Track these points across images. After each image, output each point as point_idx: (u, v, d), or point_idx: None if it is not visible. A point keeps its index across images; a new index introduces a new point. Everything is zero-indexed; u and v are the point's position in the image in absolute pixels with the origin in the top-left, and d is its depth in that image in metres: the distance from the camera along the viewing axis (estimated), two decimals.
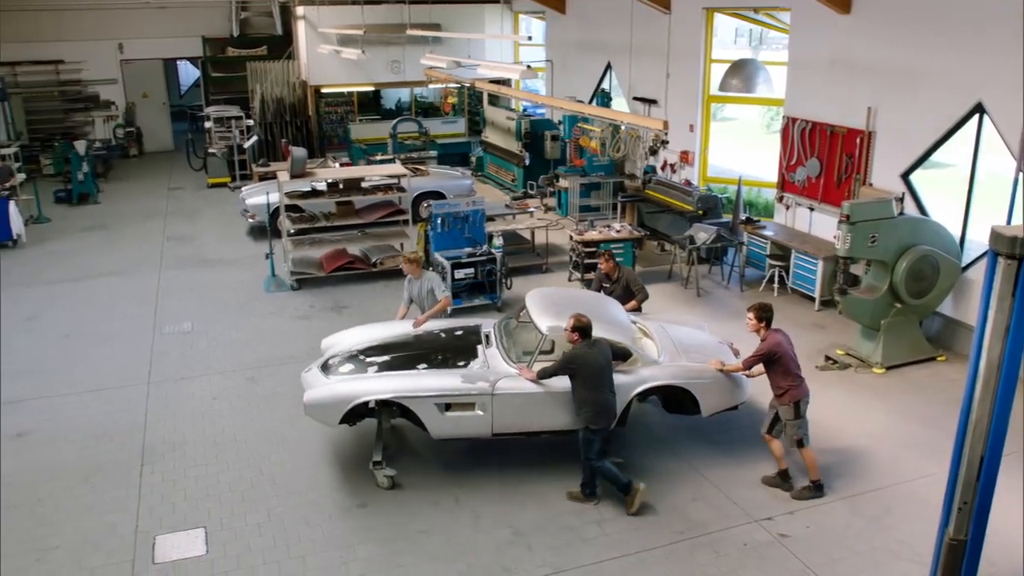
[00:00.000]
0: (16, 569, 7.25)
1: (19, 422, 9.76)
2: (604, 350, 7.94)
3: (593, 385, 7.79)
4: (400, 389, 8.24)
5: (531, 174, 19.02)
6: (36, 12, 24.45)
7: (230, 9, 26.41)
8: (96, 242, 17.19)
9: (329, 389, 8.36)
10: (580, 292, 10.65)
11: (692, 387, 8.45)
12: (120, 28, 25.61)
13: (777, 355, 7.97)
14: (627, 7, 16.53)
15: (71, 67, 25.54)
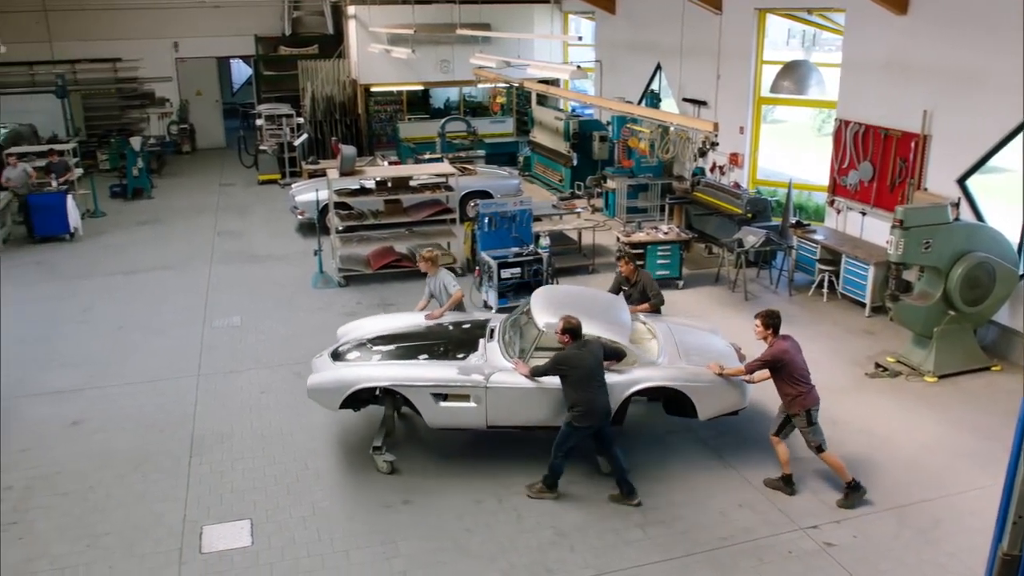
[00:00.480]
0: (68, 554, 7.42)
1: (74, 410, 9.99)
2: (594, 350, 7.97)
3: (583, 386, 7.82)
4: (397, 377, 8.44)
5: (578, 174, 18.98)
6: (95, 11, 25.03)
7: (283, 8, 26.74)
8: (149, 236, 17.51)
9: (331, 374, 8.65)
10: (587, 291, 10.60)
11: (688, 390, 8.40)
12: (176, 27, 26.10)
13: (782, 362, 7.89)
14: (678, 7, 16.44)
15: (128, 65, 26.08)
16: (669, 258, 13.63)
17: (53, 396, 10.40)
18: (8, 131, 21.74)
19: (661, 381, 8.40)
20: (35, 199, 16.95)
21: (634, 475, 8.37)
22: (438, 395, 8.40)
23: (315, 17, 27.39)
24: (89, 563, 7.28)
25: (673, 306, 12.86)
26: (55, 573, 7.17)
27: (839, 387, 10.34)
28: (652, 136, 16.27)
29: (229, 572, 7.16)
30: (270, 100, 24.81)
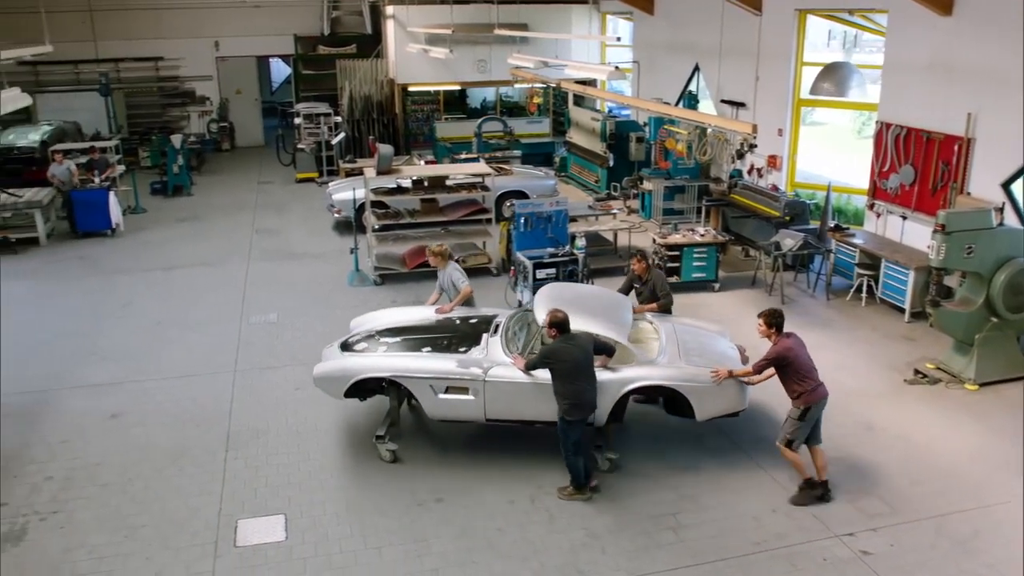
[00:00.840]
0: (106, 544, 7.54)
1: (113, 404, 10.15)
2: (583, 344, 8.00)
3: (569, 379, 7.87)
4: (398, 368, 8.62)
5: (615, 175, 18.91)
6: (138, 11, 25.44)
7: (322, 8, 26.95)
8: (188, 233, 17.74)
9: (336, 364, 8.89)
10: (593, 289, 10.63)
11: (684, 389, 8.40)
12: (216, 26, 26.42)
13: (787, 360, 7.88)
14: (717, 8, 16.33)
15: (170, 64, 26.48)
16: (705, 260, 13.53)
17: (93, 389, 10.57)
18: (53, 128, 22.11)
19: (657, 380, 8.43)
20: (78, 195, 17.25)
21: (667, 477, 8.38)
22: (438, 387, 8.53)
23: (354, 17, 27.58)
24: (127, 554, 7.39)
25: (708, 309, 12.82)
26: (93, 563, 7.29)
27: (876, 392, 10.22)
28: (690, 138, 16.16)
29: (263, 566, 7.23)
30: (308, 99, 25.03)
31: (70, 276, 14.98)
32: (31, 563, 7.31)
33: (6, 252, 16.29)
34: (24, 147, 21.00)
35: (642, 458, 8.79)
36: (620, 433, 9.13)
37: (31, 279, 14.83)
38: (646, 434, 9.21)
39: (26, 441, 9.30)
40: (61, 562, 7.31)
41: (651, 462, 8.72)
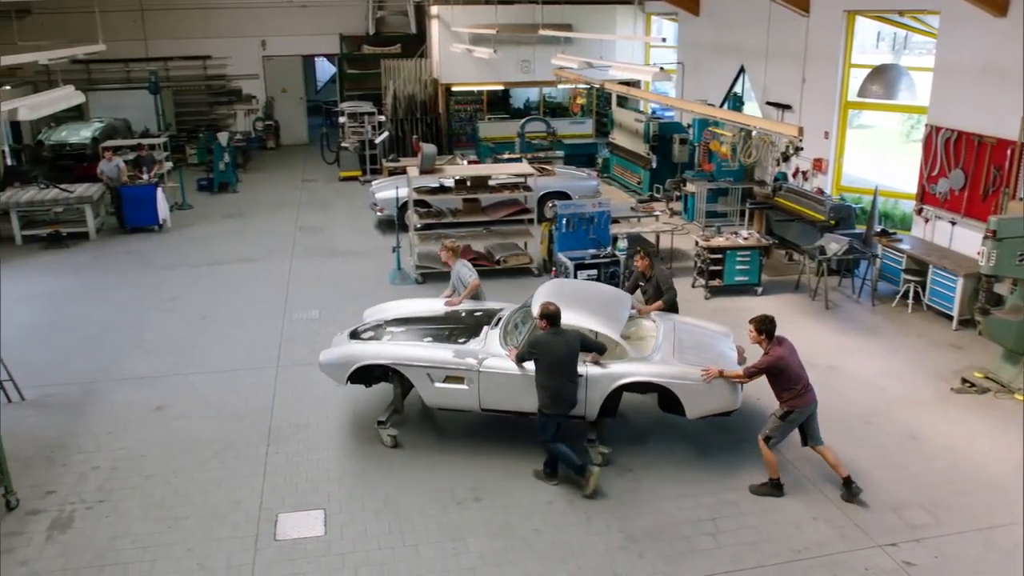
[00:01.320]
0: (149, 534, 7.66)
1: (158, 396, 10.32)
2: (569, 340, 8.10)
3: (551, 372, 8.01)
4: (397, 356, 8.92)
5: (658, 177, 18.81)
6: (188, 11, 25.84)
7: (367, 8, 27.14)
8: (233, 229, 17.97)
9: (340, 351, 9.21)
10: (594, 285, 10.68)
11: (674, 387, 8.45)
12: (263, 26, 26.76)
13: (779, 368, 7.95)
14: (764, 9, 16.16)
15: (217, 62, 26.87)
16: (748, 264, 13.40)
17: (139, 381, 10.75)
18: (104, 125, 22.55)
19: (646, 376, 8.49)
20: (128, 191, 17.56)
21: (707, 482, 8.32)
22: (435, 375, 8.78)
23: (398, 17, 27.74)
24: (170, 544, 7.50)
25: (750, 313, 12.55)
26: (137, 552, 7.41)
27: (921, 401, 10.04)
28: (734, 140, 16.02)
29: (302, 560, 7.30)
30: (353, 98, 25.20)
31: (118, 270, 15.25)
32: (77, 550, 7.45)
33: (57, 246, 16.65)
34: (76, 143, 21.44)
35: (682, 463, 8.73)
36: (659, 438, 9.10)
37: (81, 273, 15.13)
38: (687, 440, 9.14)
39: (74, 431, 9.49)
40: (106, 550, 7.44)
41: (691, 467, 8.66)
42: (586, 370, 8.45)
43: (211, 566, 7.24)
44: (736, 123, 14.47)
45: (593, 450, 8.71)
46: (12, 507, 8.01)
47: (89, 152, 20.83)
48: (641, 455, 8.87)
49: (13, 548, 7.49)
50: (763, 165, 16.79)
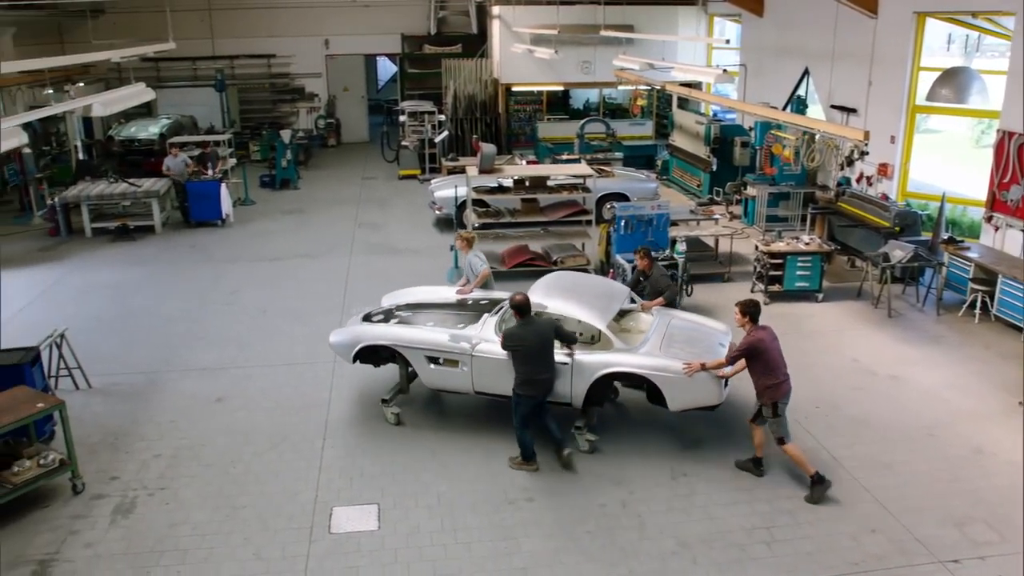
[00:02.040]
0: (208, 522, 7.82)
1: (218, 388, 10.53)
2: (541, 330, 8.44)
3: (526, 360, 8.36)
4: (397, 338, 9.38)
5: (718, 180, 18.61)
6: (254, 10, 26.28)
7: (429, 8, 27.32)
8: (294, 225, 18.23)
9: (348, 331, 9.75)
10: (591, 278, 10.93)
11: (656, 379, 8.63)
12: (327, 25, 27.08)
13: (759, 351, 8.05)
14: (830, 10, 15.90)
15: (281, 61, 27.31)
16: (809, 270, 13.17)
17: (200, 373, 10.97)
18: (171, 122, 23.08)
19: (628, 367, 8.71)
20: (193, 186, 17.93)
21: (763, 490, 8.21)
22: (432, 358, 9.20)
23: (460, 17, 27.87)
24: (228, 533, 7.65)
25: (811, 320, 12.50)
26: (196, 539, 7.57)
27: (987, 413, 9.77)
28: (797, 143, 15.78)
29: (355, 554, 7.37)
30: (413, 97, 25.38)
31: (182, 263, 15.59)
32: (139, 535, 7.63)
33: (124, 239, 17.08)
34: (144, 139, 22.00)
35: (736, 469, 8.61)
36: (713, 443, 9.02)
37: (146, 265, 15.49)
38: (741, 446, 9.02)
39: (137, 419, 9.73)
40: (166, 536, 7.61)
41: (745, 474, 8.54)
42: (572, 358, 8.75)
43: (267, 556, 7.36)
44: (799, 126, 14.25)
45: (580, 436, 8.94)
46: (78, 491, 8.25)
47: (157, 148, 21.37)
48: (694, 460, 8.79)
49: (79, 531, 7.71)
50: (826, 169, 16.49)
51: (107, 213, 17.83)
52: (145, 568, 7.20)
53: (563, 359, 8.73)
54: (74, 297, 13.80)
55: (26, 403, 8.07)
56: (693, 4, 23.90)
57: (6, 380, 8.65)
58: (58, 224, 17.37)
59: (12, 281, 14.55)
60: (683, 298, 12.59)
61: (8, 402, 8.06)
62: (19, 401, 8.10)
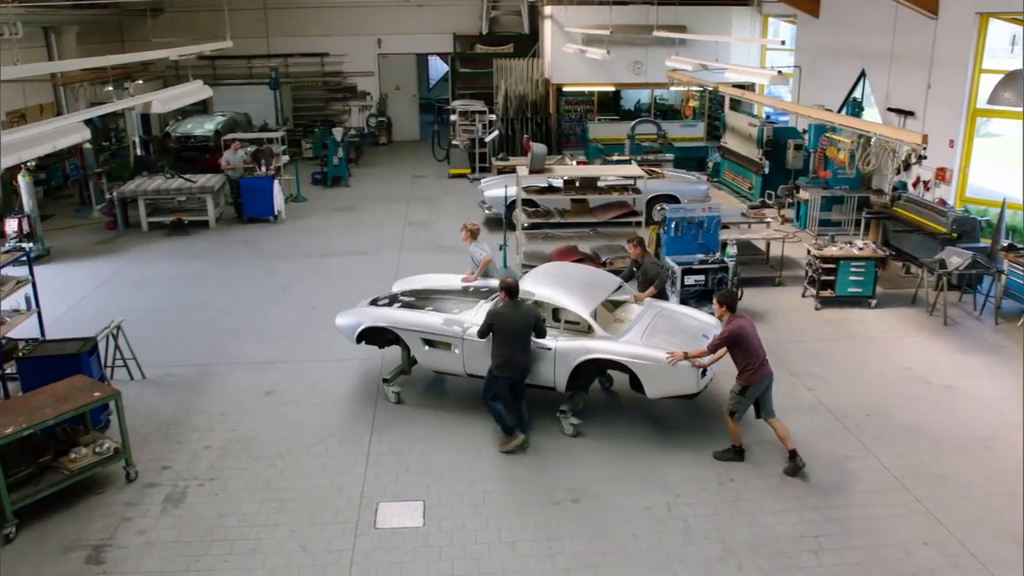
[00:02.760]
0: (256, 514, 7.94)
1: (268, 381, 10.68)
2: (525, 314, 8.83)
3: (506, 341, 8.74)
4: (395, 320, 9.84)
5: (770, 183, 18.37)
6: (308, 9, 26.60)
7: (481, 8, 27.40)
8: (344, 222, 18.40)
9: (352, 314, 10.22)
10: (582, 268, 11.17)
11: (634, 366, 8.89)
12: (379, 24, 27.31)
13: (740, 338, 8.38)
14: (889, 11, 15.63)
15: (334, 60, 27.59)
16: (863, 275, 12.94)
17: (250, 366, 11.13)
18: (226, 119, 23.45)
19: (607, 354, 8.99)
20: (247, 182, 18.20)
21: (811, 498, 8.10)
22: (428, 341, 9.64)
23: (512, 17, 27.91)
24: (275, 525, 7.75)
25: (862, 326, 12.29)
26: (244, 530, 7.68)
27: None
28: (852, 146, 15.51)
29: (400, 549, 7.42)
30: (464, 96, 25.50)
31: (234, 258, 15.83)
32: (189, 524, 7.77)
33: (179, 233, 17.40)
34: (200, 136, 22.37)
35: (784, 475, 8.50)
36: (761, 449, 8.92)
37: (200, 259, 15.77)
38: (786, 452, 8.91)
39: (189, 410, 9.91)
40: (215, 526, 7.74)
41: (794, 481, 8.42)
42: (555, 344, 9.12)
43: (313, 549, 7.44)
44: (855, 129, 14.02)
45: (565, 420, 9.27)
46: (131, 479, 8.43)
47: (212, 144, 21.72)
48: (741, 466, 8.68)
49: (131, 518, 7.87)
50: (882, 173, 16.19)
51: (163, 208, 18.18)
52: (194, 557, 7.33)
53: (547, 343, 9.10)
54: (130, 289, 14.10)
55: (83, 392, 8.28)
56: (747, 5, 23.65)
57: (65, 369, 8.88)
58: (116, 218, 17.77)
59: (71, 273, 14.94)
60: None
61: (67, 390, 8.27)
62: (77, 390, 8.30)
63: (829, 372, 10.83)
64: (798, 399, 10.09)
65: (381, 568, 7.20)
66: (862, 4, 17.76)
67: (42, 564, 7.27)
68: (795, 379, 10.60)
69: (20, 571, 7.20)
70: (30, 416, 7.74)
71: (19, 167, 15.28)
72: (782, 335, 11.96)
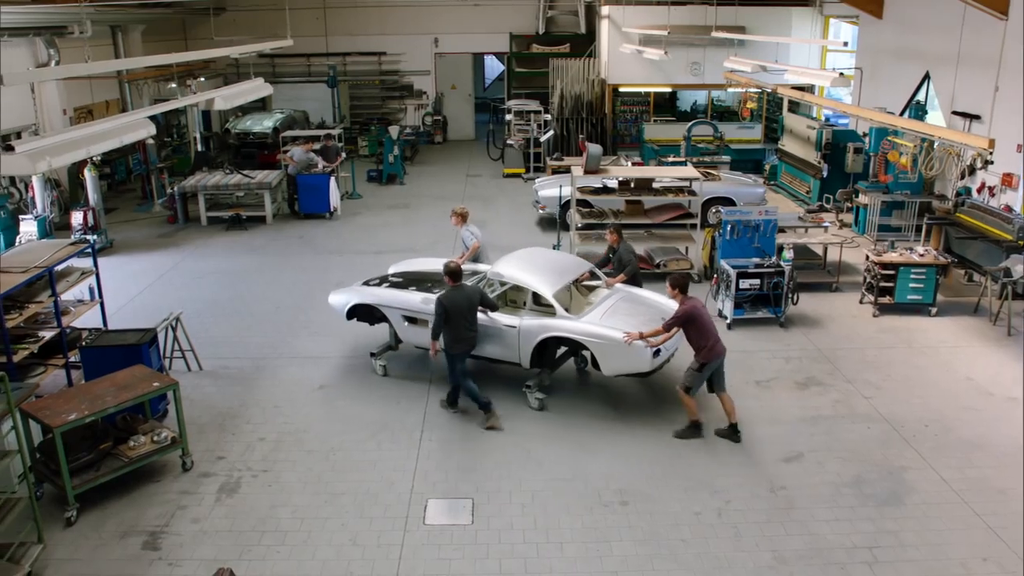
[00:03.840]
0: (308, 506, 8.04)
1: (321, 375, 10.83)
2: (470, 294, 9.54)
3: (452, 320, 9.33)
4: (378, 298, 10.63)
5: (828, 187, 18.07)
6: (366, 8, 26.89)
7: (538, 8, 27.41)
8: (399, 220, 18.54)
9: (344, 292, 11.03)
10: (554, 254, 11.65)
11: (589, 344, 9.52)
12: (437, 24, 27.51)
13: (693, 317, 8.93)
14: (956, 12, 15.27)
15: (391, 58, 27.86)
16: (923, 282, 12.65)
17: (304, 360, 11.28)
18: (284, 116, 23.79)
19: (564, 332, 9.61)
20: (304, 179, 18.43)
21: (865, 508, 7.96)
22: (408, 317, 10.38)
23: (569, 16, 27.87)
24: (326, 518, 7.84)
25: (922, 334, 12.04)
26: (295, 522, 7.79)
27: None
28: (915, 150, 15.18)
29: (448, 546, 7.46)
30: (520, 96, 25.53)
31: (290, 253, 16.05)
32: (242, 514, 7.90)
33: (237, 228, 17.69)
34: (258, 132, 22.73)
35: (837, 484, 8.36)
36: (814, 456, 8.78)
37: (256, 254, 16.02)
38: (844, 460, 8.76)
39: (244, 403, 10.08)
40: (267, 517, 7.86)
41: (848, 490, 8.27)
42: (520, 322, 9.79)
43: (362, 542, 7.51)
44: (918, 133, 13.71)
45: (530, 395, 9.89)
46: (187, 468, 8.60)
47: (270, 141, 22.05)
48: (793, 474, 8.55)
49: (186, 506, 8.03)
50: (945, 178, 15.83)
51: (222, 203, 18.52)
52: (247, 547, 7.45)
53: (512, 321, 9.82)
54: (189, 282, 14.39)
55: (143, 381, 8.46)
56: (808, 5, 23.30)
57: (126, 359, 9.09)
58: (176, 212, 18.14)
59: (133, 265, 15.30)
60: (788, 307, 12.29)
61: (127, 380, 8.46)
62: (137, 379, 8.49)
63: (886, 381, 10.62)
64: (853, 407, 9.91)
65: (429, 564, 7.24)
66: (928, 4, 17.37)
67: (101, 548, 7.46)
68: (851, 386, 10.42)
69: (80, 554, 7.39)
70: (92, 404, 7.95)
71: (85, 162, 15.68)
72: (838, 342, 11.76)
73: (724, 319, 12.30)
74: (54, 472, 7.80)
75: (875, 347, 11.65)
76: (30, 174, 14.25)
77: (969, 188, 15.36)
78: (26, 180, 16.62)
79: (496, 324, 9.85)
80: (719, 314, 12.48)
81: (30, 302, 9.94)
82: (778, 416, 9.70)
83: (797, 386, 10.48)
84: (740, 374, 10.67)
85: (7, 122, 16.26)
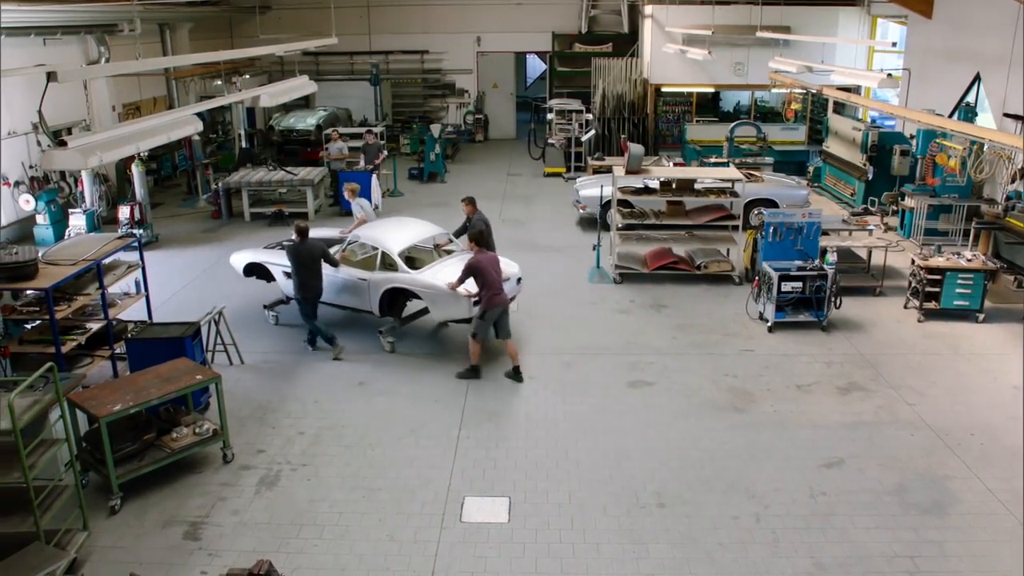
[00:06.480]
0: (346, 501, 8.11)
1: (361, 372, 10.94)
2: (311, 249, 11.07)
3: (300, 271, 11.03)
4: (265, 258, 12.51)
5: (873, 190, 17.81)
6: (409, 7, 27.04)
7: (581, 7, 27.34)
8: (439, 218, 18.38)
9: (242, 254, 12.86)
10: (418, 223, 12.89)
11: (422, 294, 11.15)
12: (479, 22, 27.58)
13: (477, 270, 10.27)
14: (1009, 12, 14.95)
15: (434, 57, 27.96)
16: (970, 288, 12.42)
17: (344, 355, 11.35)
18: (327, 113, 24.01)
19: (400, 283, 11.18)
20: (346, 176, 18.56)
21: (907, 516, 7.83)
22: (286, 273, 11.83)
23: (611, 16, 27.76)
24: (363, 513, 7.90)
25: (968, 341, 11.86)
26: (333, 516, 7.86)
27: None
28: (964, 153, 14.90)
29: (484, 544, 7.48)
30: (561, 95, 25.50)
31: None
32: (281, 507, 7.99)
33: (280, 224, 17.87)
34: (302, 129, 22.96)
35: (878, 491, 8.24)
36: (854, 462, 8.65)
37: None
38: (885, 467, 8.63)
39: (284, 397, 10.19)
40: (306, 511, 7.94)
41: (889, 498, 8.15)
42: (370, 276, 11.39)
43: (399, 538, 7.56)
44: (968, 135, 13.44)
45: (383, 339, 11.53)
46: (228, 460, 8.72)
47: (313, 138, 22.25)
48: (833, 480, 8.44)
49: (226, 497, 8.14)
50: (995, 182, 15.52)
51: (265, 199, 18.72)
52: (285, 539, 7.53)
53: (365, 276, 11.41)
54: (232, 277, 14.51)
55: (186, 374, 8.59)
56: (855, 5, 22.97)
57: (170, 351, 9.23)
58: (220, 208, 18.37)
59: (178, 259, 15.53)
60: (830, 310, 12.12)
61: (170, 372, 8.60)
62: (180, 372, 8.63)
63: (931, 387, 10.44)
64: (896, 413, 9.77)
65: (465, 561, 7.26)
66: (980, 4, 17.04)
67: (143, 537, 7.59)
68: (894, 392, 10.27)
69: (123, 542, 7.53)
70: (136, 395, 8.08)
71: (133, 157, 15.96)
72: (882, 347, 11.59)
73: (765, 322, 12.19)
74: (99, 461, 7.95)
75: (919, 353, 11.47)
76: (81, 169, 14.56)
77: (1020, 192, 15.02)
78: (75, 175, 16.97)
79: (352, 278, 11.48)
80: (760, 316, 12.37)
81: (78, 294, 10.14)
82: (818, 421, 9.59)
83: (839, 391, 10.35)
84: (780, 378, 10.58)
85: (60, 118, 16.60)
